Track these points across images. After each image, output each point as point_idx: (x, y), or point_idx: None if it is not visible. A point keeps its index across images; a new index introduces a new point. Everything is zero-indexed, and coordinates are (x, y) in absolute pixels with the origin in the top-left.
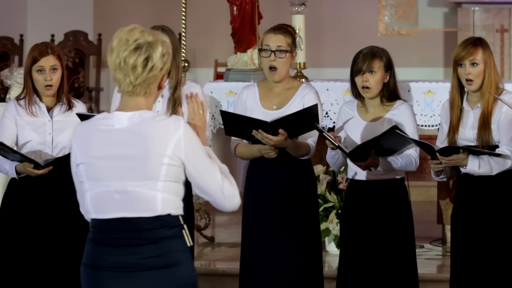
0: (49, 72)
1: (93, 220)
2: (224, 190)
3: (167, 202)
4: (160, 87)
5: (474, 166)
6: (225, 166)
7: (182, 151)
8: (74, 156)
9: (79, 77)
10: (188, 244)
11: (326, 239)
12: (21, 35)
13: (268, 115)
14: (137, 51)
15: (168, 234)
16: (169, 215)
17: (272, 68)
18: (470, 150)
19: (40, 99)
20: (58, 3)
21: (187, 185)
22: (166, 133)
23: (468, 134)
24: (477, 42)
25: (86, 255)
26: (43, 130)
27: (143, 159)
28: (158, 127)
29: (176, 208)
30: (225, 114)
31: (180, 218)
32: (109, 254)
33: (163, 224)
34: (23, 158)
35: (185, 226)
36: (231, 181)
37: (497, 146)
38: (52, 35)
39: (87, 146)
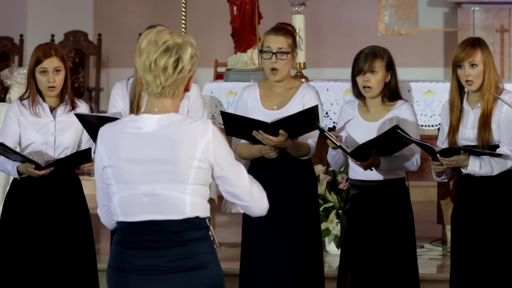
0: (52, 73)
1: (120, 223)
2: (252, 193)
3: (195, 205)
4: (186, 89)
5: (475, 166)
6: (250, 175)
7: (211, 154)
8: (100, 159)
9: (79, 77)
10: (215, 246)
11: (326, 239)
12: (21, 35)
13: (269, 115)
14: (167, 53)
15: (197, 236)
16: (197, 217)
17: (274, 69)
18: (471, 151)
19: (43, 99)
20: (58, 3)
21: None
22: (195, 136)
23: (468, 134)
24: (476, 43)
25: (113, 258)
26: (45, 130)
27: (172, 163)
28: (187, 131)
29: (203, 210)
30: (225, 115)
31: (207, 220)
32: (137, 257)
33: (191, 226)
34: (23, 159)
35: (211, 228)
36: (258, 185)
37: (498, 146)
38: (52, 35)
39: (115, 149)
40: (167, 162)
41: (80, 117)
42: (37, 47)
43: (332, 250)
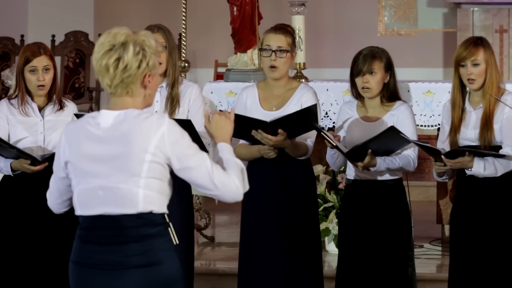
0: (42, 72)
1: (80, 217)
2: (215, 180)
3: (149, 199)
4: (144, 86)
5: (480, 168)
6: (237, 161)
7: (166, 146)
8: (62, 153)
9: (80, 77)
10: (174, 243)
11: (326, 238)
12: (22, 36)
13: (268, 116)
14: (109, 53)
15: (151, 232)
16: (151, 212)
17: (273, 67)
18: (475, 152)
19: (32, 99)
20: (58, 3)
21: (187, 185)
22: (148, 130)
23: (470, 134)
24: (479, 42)
25: (73, 252)
26: (35, 129)
27: (125, 156)
28: (142, 125)
29: (159, 205)
30: None
31: (165, 216)
32: (94, 252)
33: (145, 222)
34: (20, 154)
35: (170, 225)
36: (229, 174)
37: (500, 146)
38: (53, 36)
39: (75, 144)
40: (121, 156)
41: (78, 117)
42: (26, 46)
43: (332, 250)
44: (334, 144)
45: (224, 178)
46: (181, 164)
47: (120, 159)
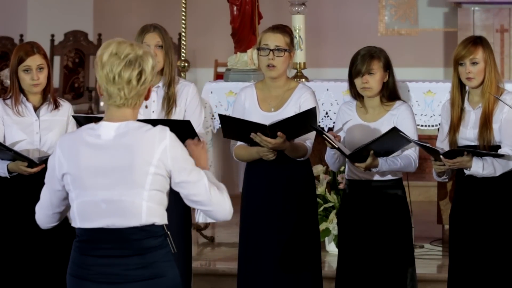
0: (36, 71)
1: (78, 229)
2: (212, 197)
3: (151, 211)
4: (146, 98)
5: (478, 168)
6: (222, 184)
7: (168, 159)
8: (59, 165)
9: (79, 77)
10: (173, 252)
11: (326, 239)
12: (21, 35)
13: (266, 117)
14: (131, 66)
15: (154, 244)
16: (153, 224)
17: (271, 66)
18: (474, 152)
19: (27, 99)
20: (58, 3)
21: None
22: (151, 143)
23: (469, 134)
24: (478, 41)
25: (72, 265)
26: (30, 129)
27: (129, 169)
28: (144, 137)
29: (160, 217)
30: (223, 118)
31: (164, 227)
32: (95, 265)
33: (148, 234)
34: (16, 156)
35: (169, 234)
36: (223, 193)
37: (499, 146)
38: (52, 35)
39: (75, 157)
40: (124, 168)
41: (78, 119)
42: (19, 46)
43: (332, 250)
44: (336, 146)
45: (219, 196)
46: (180, 178)
47: (123, 172)
